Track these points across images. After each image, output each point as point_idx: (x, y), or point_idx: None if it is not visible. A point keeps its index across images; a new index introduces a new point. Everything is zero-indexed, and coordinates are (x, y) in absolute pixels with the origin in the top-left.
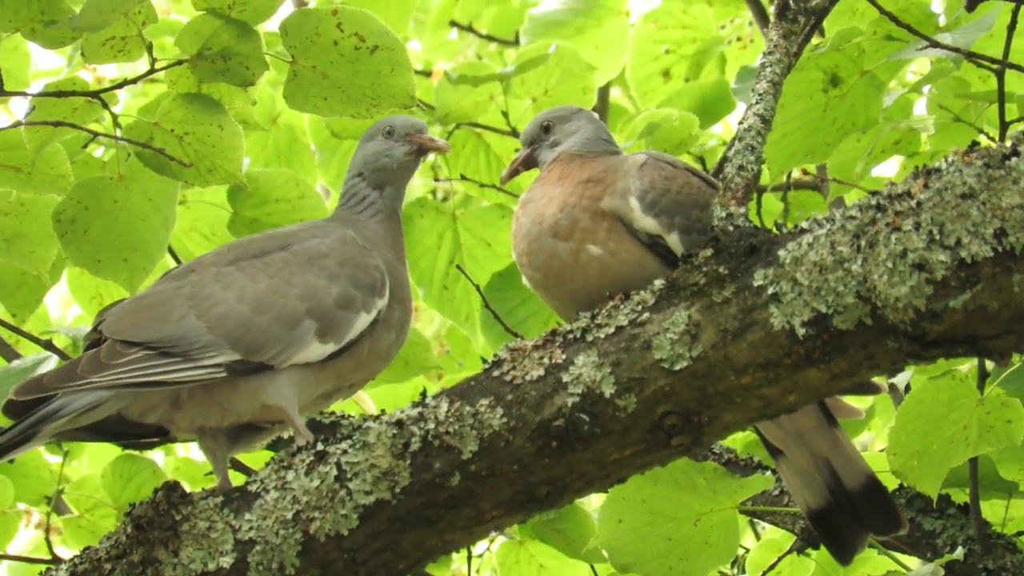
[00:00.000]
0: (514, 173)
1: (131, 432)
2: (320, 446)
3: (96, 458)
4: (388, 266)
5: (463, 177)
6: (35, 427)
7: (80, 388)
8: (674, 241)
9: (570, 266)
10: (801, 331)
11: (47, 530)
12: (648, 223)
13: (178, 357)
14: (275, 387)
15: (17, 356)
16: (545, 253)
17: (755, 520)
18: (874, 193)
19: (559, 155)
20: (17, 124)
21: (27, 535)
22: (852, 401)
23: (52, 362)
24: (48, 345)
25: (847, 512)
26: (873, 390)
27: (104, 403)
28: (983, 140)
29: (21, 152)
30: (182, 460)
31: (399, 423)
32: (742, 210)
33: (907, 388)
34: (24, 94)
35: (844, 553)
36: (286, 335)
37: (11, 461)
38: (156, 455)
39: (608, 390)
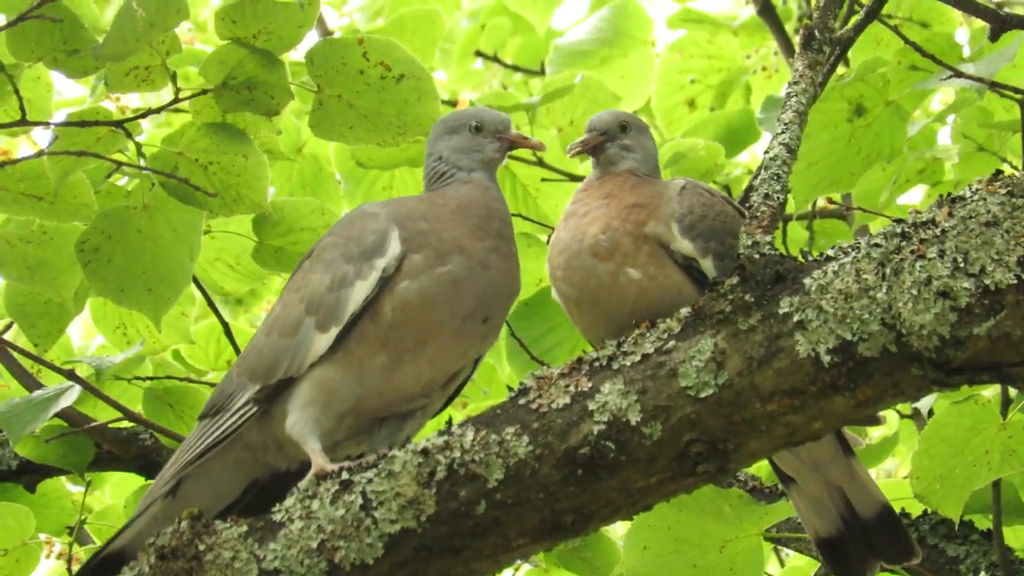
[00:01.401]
0: (579, 152)
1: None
2: (345, 475)
3: (119, 488)
4: (423, 216)
5: None
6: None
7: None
8: (708, 266)
9: (607, 287)
10: (826, 358)
11: (69, 561)
12: (685, 245)
13: (218, 415)
14: (292, 407)
15: (39, 386)
16: (583, 271)
17: (780, 547)
18: (899, 221)
19: (620, 171)
20: (40, 154)
21: (49, 565)
22: (853, 431)
23: (75, 392)
24: (71, 375)
25: (859, 540)
26: (873, 422)
27: (173, 489)
28: (1007, 169)
29: (44, 182)
30: None
31: (425, 451)
32: (768, 238)
33: (930, 413)
34: (47, 124)
35: None
36: (291, 343)
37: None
38: None
39: (634, 418)
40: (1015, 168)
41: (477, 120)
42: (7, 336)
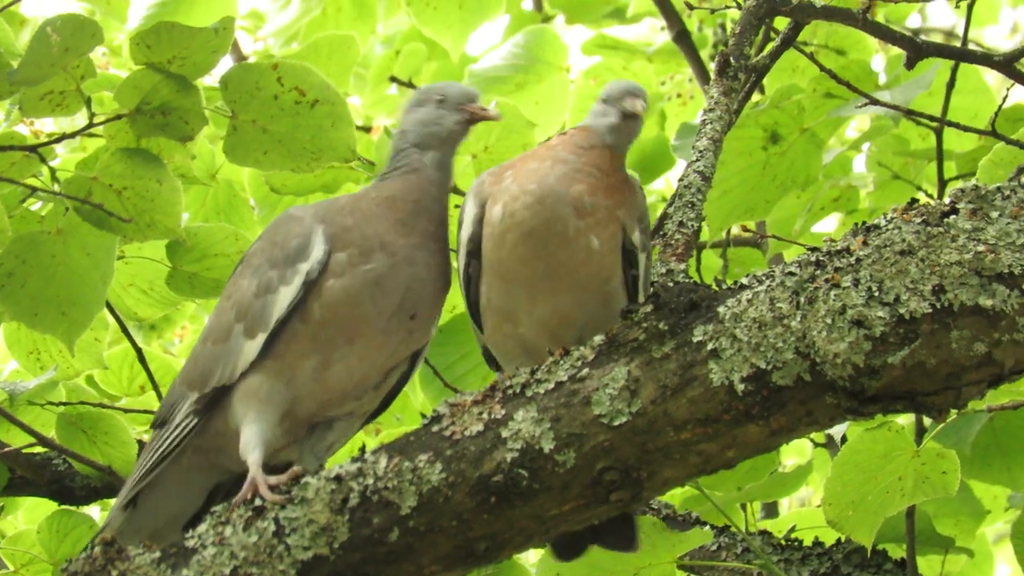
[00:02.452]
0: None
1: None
2: (258, 501)
3: (32, 513)
4: (350, 212)
5: None
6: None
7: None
8: (642, 260)
9: (569, 240)
10: (740, 387)
11: None
12: (637, 237)
13: (165, 426)
14: (233, 416)
15: None
16: (556, 216)
17: (693, 575)
18: (813, 250)
19: (608, 145)
20: None
21: None
22: None
23: None
24: None
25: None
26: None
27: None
28: (922, 197)
29: None
30: None
31: (338, 478)
32: (682, 266)
33: (843, 439)
34: None
35: (564, 553)
36: (223, 350)
37: None
38: (92, 510)
39: (547, 445)
40: (930, 196)
41: (442, 93)
42: None
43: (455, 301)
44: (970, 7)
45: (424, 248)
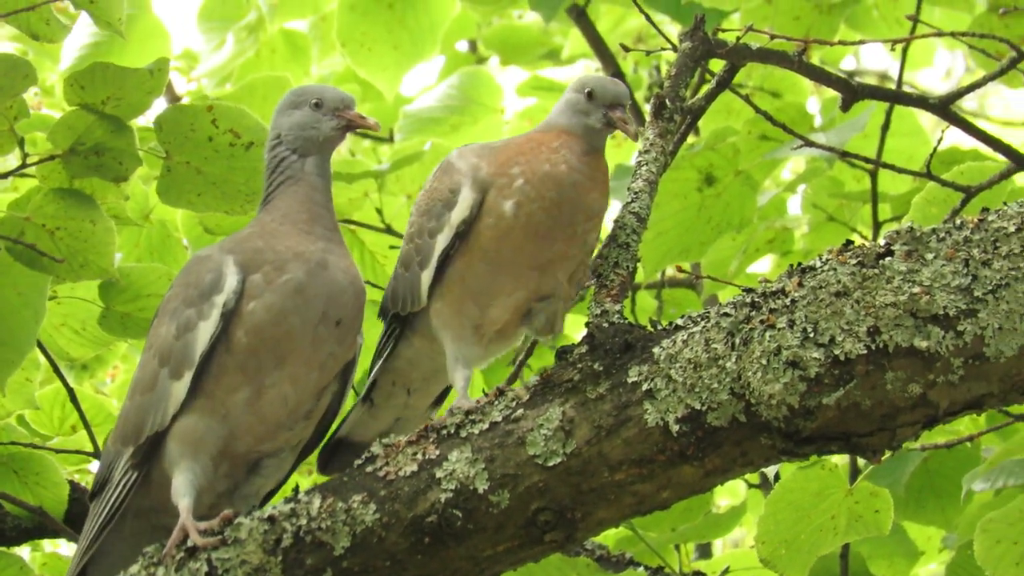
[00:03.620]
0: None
1: None
2: (190, 542)
3: None
4: (258, 236)
5: None
6: None
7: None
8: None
9: (574, 240)
10: (675, 427)
11: None
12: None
13: (104, 490)
14: (168, 464)
15: None
16: (569, 222)
17: None
18: (748, 291)
19: (597, 148)
20: None
21: None
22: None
23: None
24: None
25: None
26: None
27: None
28: (857, 239)
29: None
30: (49, 555)
31: (271, 519)
32: (617, 307)
33: (777, 477)
34: None
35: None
36: (151, 399)
37: None
38: (23, 551)
39: (482, 486)
40: (865, 238)
41: (318, 96)
42: None
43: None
44: (905, 50)
45: (332, 253)
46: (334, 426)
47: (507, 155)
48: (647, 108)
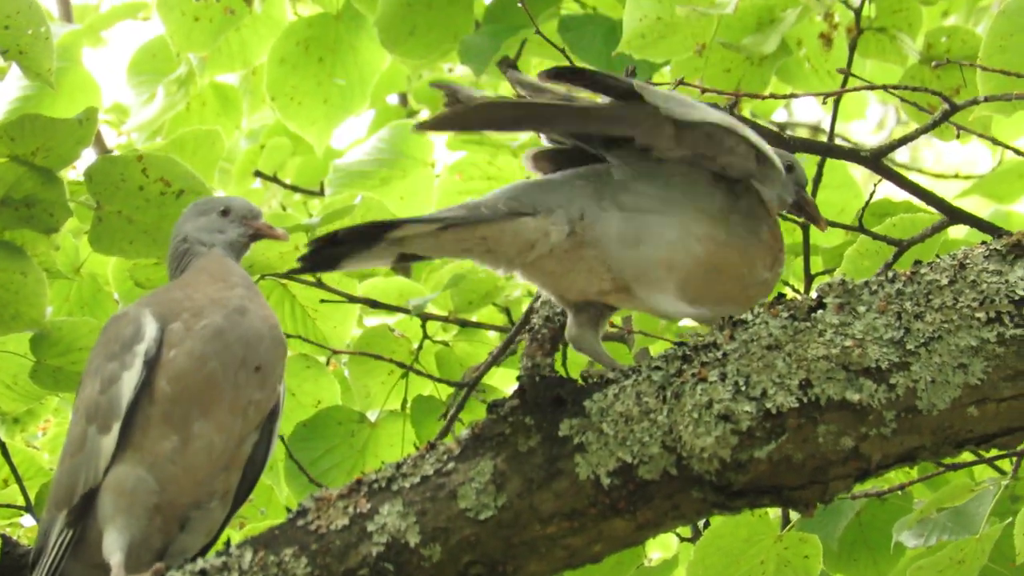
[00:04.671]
0: None
1: None
2: None
3: None
4: (176, 288)
5: None
6: None
7: None
8: None
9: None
10: (607, 481)
11: None
12: None
13: (40, 559)
14: (101, 523)
15: None
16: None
17: None
18: (680, 344)
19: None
20: None
21: None
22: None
23: None
24: None
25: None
26: None
27: None
28: (789, 292)
29: None
30: None
31: (203, 572)
32: (549, 361)
33: (707, 523)
34: None
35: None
36: (82, 457)
37: None
38: None
39: (413, 540)
40: (797, 291)
41: (226, 205)
42: None
43: (319, 395)
44: (837, 102)
45: (250, 300)
46: None
47: None
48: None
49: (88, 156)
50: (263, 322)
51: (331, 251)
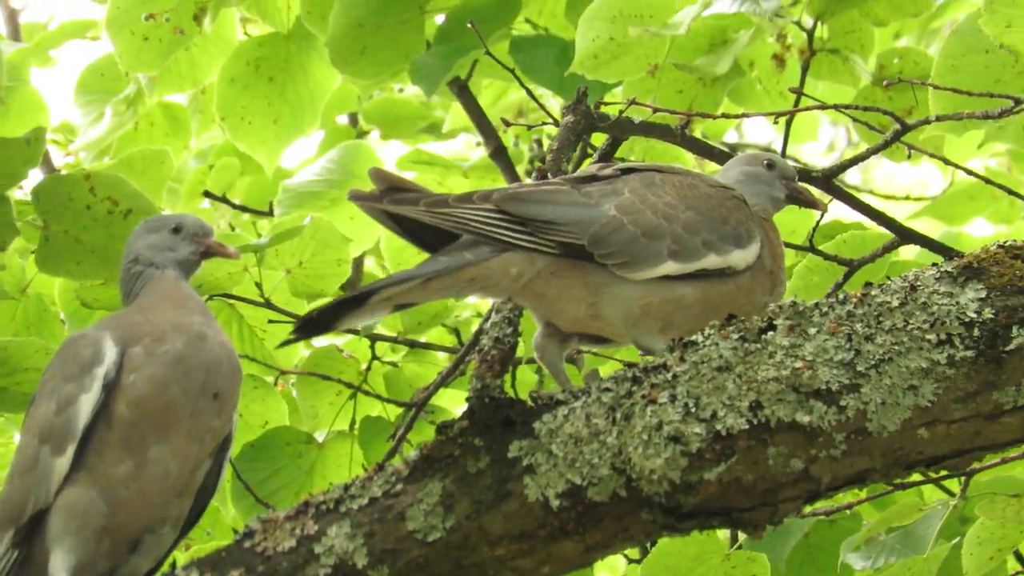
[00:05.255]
0: None
1: None
2: None
3: None
4: (136, 311)
5: None
6: None
7: None
8: None
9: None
10: (556, 503)
11: None
12: None
13: None
14: (49, 543)
15: None
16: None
17: None
18: (630, 365)
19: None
20: None
21: None
22: None
23: None
24: None
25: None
26: None
27: None
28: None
29: None
30: None
31: None
32: (498, 382)
33: (654, 542)
34: None
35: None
36: (34, 477)
37: None
38: None
39: (361, 561)
40: None
41: (177, 223)
42: None
43: (267, 416)
44: (788, 123)
45: (208, 326)
46: None
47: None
48: (529, 182)
49: (35, 176)
50: (222, 348)
51: (321, 320)
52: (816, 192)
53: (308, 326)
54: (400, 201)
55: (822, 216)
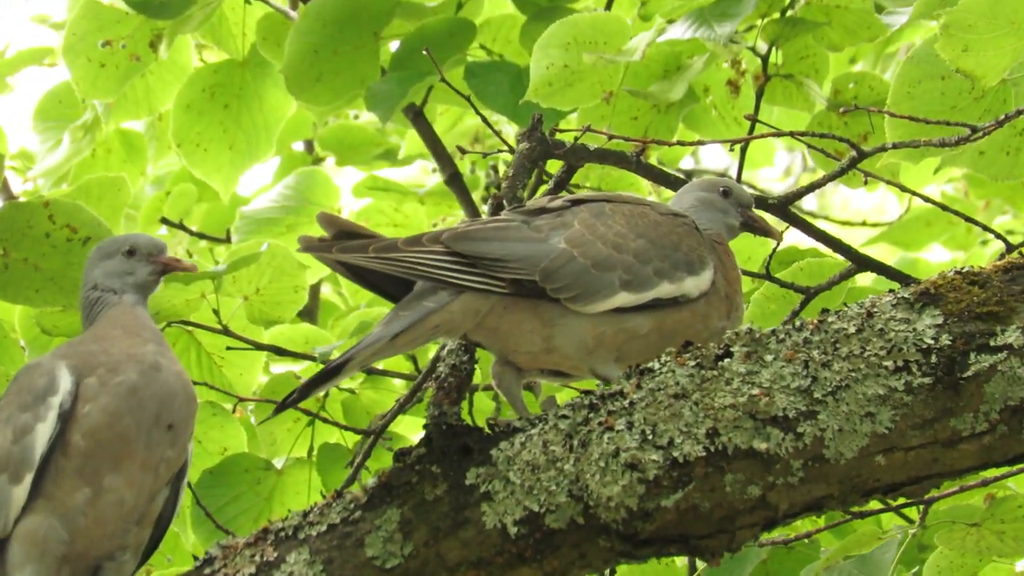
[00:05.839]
0: None
1: None
2: None
3: None
4: (91, 341)
5: None
6: None
7: None
8: None
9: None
10: (513, 530)
11: None
12: None
13: None
14: (10, 560)
15: None
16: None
17: None
18: (587, 392)
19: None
20: None
21: None
22: None
23: None
24: None
25: None
26: None
27: None
28: None
29: None
30: None
31: None
32: (455, 409)
33: (612, 572)
34: None
35: None
36: None
37: None
38: None
39: None
40: None
41: (131, 244)
42: None
43: (225, 443)
44: (744, 150)
45: (163, 356)
46: None
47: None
48: (484, 209)
49: None
50: (177, 379)
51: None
52: (772, 220)
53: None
54: (349, 249)
55: (778, 244)
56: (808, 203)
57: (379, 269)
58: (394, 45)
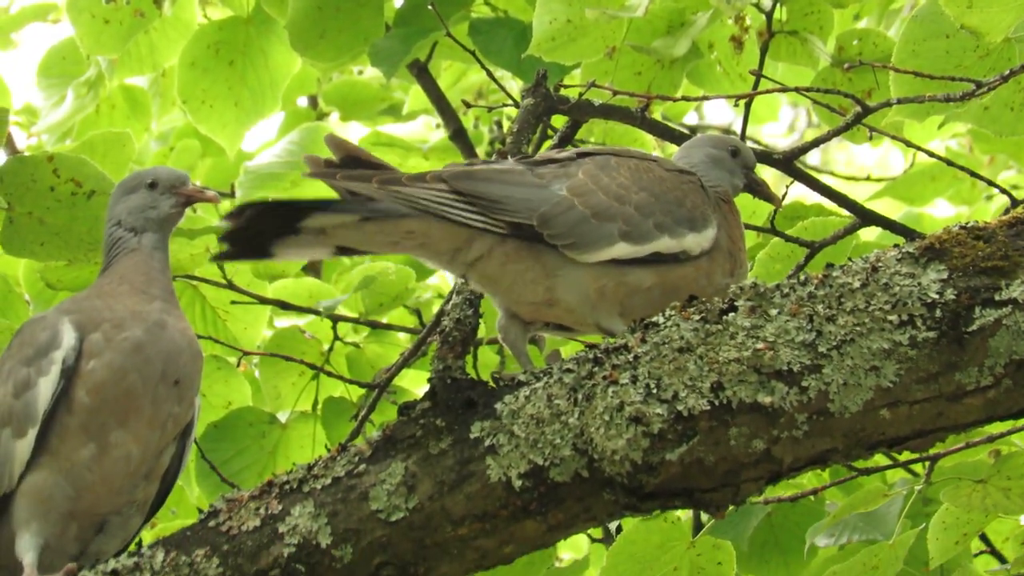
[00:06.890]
0: None
1: None
2: None
3: None
4: (97, 296)
5: None
6: None
7: None
8: None
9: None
10: (518, 483)
11: None
12: None
13: None
14: (15, 526)
15: None
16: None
17: None
18: (591, 346)
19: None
20: None
21: None
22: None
23: None
24: None
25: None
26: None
27: None
28: None
29: None
30: None
31: (114, 572)
32: (460, 363)
33: (619, 529)
34: None
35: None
36: None
37: None
38: None
39: (324, 540)
40: None
41: (153, 177)
42: None
43: (230, 397)
44: (748, 105)
45: (169, 314)
46: None
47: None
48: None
49: None
50: (182, 336)
51: (255, 237)
52: (774, 179)
53: (243, 246)
54: (353, 177)
55: (783, 198)
56: (812, 158)
57: (379, 197)
58: (398, 1)
